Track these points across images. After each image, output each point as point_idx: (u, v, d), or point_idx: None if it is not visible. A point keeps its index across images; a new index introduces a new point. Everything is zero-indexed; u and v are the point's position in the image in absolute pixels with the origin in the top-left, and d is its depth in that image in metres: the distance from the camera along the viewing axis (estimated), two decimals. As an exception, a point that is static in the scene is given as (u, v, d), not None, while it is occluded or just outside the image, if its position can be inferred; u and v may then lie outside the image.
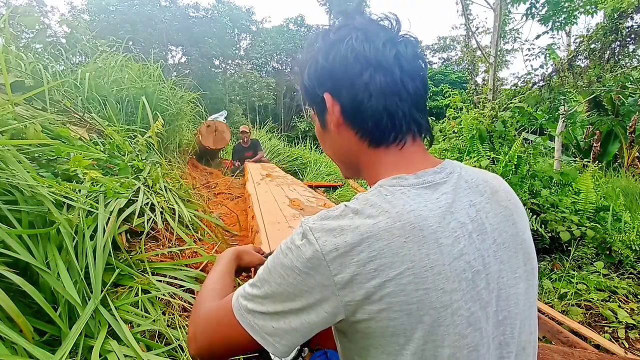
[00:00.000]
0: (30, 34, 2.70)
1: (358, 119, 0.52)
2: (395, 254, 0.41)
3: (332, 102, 0.52)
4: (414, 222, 0.43)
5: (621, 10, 4.47)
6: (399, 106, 0.50)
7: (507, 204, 0.51)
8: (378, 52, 0.48)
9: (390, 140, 0.51)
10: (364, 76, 0.49)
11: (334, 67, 0.51)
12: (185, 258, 1.29)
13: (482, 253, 0.45)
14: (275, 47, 26.00)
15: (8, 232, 0.82)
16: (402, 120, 0.50)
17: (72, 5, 19.23)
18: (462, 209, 0.46)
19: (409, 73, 0.50)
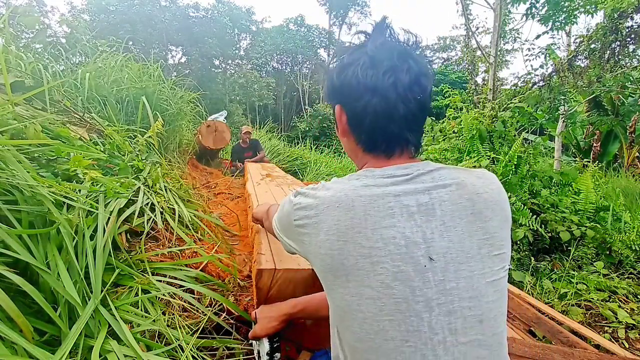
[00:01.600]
0: (30, 34, 2.70)
1: (357, 131, 0.66)
2: (329, 215, 0.58)
3: (340, 113, 0.67)
4: (350, 196, 0.58)
5: (621, 10, 4.47)
6: (390, 126, 0.61)
7: (472, 196, 0.59)
8: (377, 80, 0.59)
9: (379, 150, 0.64)
10: (363, 99, 0.61)
11: (342, 86, 0.64)
12: (185, 258, 1.29)
13: (424, 230, 0.55)
14: (275, 47, 25.99)
15: (8, 232, 0.82)
16: (391, 137, 0.63)
17: (72, 5, 19.22)
18: (411, 196, 0.57)
19: (404, 98, 0.60)
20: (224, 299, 1.12)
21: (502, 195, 0.62)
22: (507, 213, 0.62)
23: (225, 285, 1.24)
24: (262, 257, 1.06)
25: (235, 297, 1.20)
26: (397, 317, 0.54)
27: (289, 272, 0.99)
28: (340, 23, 31.56)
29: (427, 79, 0.61)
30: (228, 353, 1.03)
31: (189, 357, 0.91)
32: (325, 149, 9.80)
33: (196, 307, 1.07)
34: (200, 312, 1.06)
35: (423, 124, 0.65)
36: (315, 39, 28.89)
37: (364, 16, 31.55)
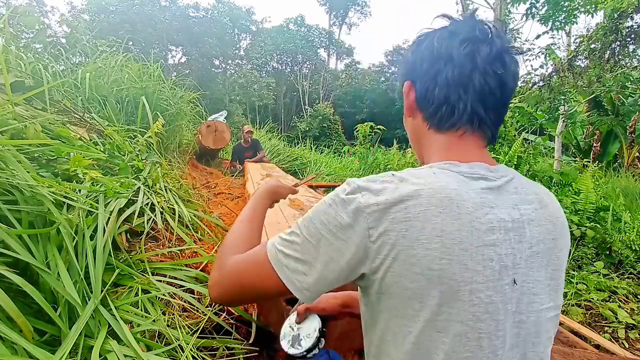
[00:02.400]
0: (30, 34, 2.70)
1: (424, 105, 0.58)
2: (428, 221, 0.45)
3: (409, 89, 0.61)
4: (453, 198, 0.46)
5: (621, 10, 4.47)
6: (462, 98, 0.54)
7: (554, 219, 0.53)
8: (453, 49, 0.54)
9: (446, 126, 0.56)
10: (434, 68, 0.55)
11: (415, 60, 0.59)
12: (185, 258, 1.29)
13: (515, 252, 0.47)
14: (275, 47, 26.00)
15: (8, 232, 0.82)
16: (462, 111, 0.54)
17: (72, 5, 19.25)
18: (504, 208, 0.49)
19: (482, 70, 0.53)
20: (224, 299, 1.12)
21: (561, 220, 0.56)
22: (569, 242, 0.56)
23: (225, 285, 1.24)
24: (262, 257, 1.06)
25: (235, 297, 1.20)
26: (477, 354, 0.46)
27: (289, 272, 0.99)
28: (340, 23, 31.58)
29: (511, 58, 0.55)
30: (228, 353, 1.03)
31: (189, 357, 0.91)
32: (325, 149, 9.80)
33: (196, 307, 1.07)
34: (200, 312, 1.06)
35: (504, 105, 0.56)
36: (315, 39, 28.89)
37: (364, 16, 31.62)
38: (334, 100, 25.07)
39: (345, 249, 0.48)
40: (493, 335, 0.46)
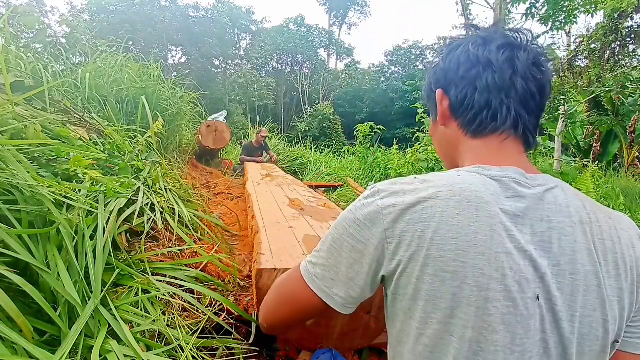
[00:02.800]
0: (30, 34, 2.70)
1: (461, 111, 0.56)
2: (445, 222, 0.44)
3: (442, 97, 0.59)
4: (472, 200, 0.45)
5: (621, 10, 4.47)
6: (504, 102, 0.53)
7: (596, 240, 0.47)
8: (491, 54, 0.53)
9: (487, 131, 0.54)
10: (472, 72, 0.54)
11: (449, 67, 0.58)
12: (185, 258, 1.29)
13: (537, 265, 0.45)
14: (275, 47, 26.02)
15: (8, 232, 0.82)
16: (506, 115, 0.53)
17: (72, 5, 19.27)
18: (529, 219, 0.46)
19: (522, 74, 0.52)
20: (224, 299, 1.12)
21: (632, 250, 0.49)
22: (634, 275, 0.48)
23: (225, 285, 1.24)
24: (262, 257, 1.06)
25: (235, 297, 1.20)
26: None
27: (289, 272, 0.99)
28: (340, 23, 31.60)
29: (547, 62, 0.54)
30: (228, 353, 1.03)
31: (189, 357, 0.91)
32: (325, 149, 9.79)
33: (196, 307, 1.07)
34: (200, 312, 1.06)
35: (542, 109, 0.55)
36: (315, 39, 28.92)
37: (364, 16, 31.66)
38: (334, 100, 25.06)
39: (365, 251, 0.49)
40: (508, 350, 0.44)
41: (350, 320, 1.05)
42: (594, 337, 0.46)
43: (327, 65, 29.90)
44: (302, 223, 1.52)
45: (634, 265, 0.48)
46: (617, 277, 0.47)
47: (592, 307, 0.45)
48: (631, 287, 0.48)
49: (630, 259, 0.48)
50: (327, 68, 28.81)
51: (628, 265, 0.48)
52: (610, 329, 0.46)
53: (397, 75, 30.08)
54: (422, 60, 30.33)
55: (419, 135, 5.01)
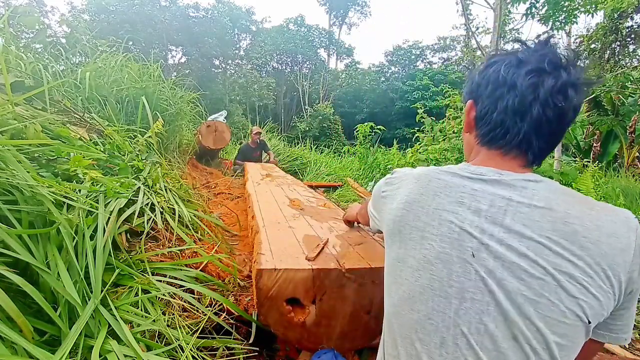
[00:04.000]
0: (30, 34, 2.70)
1: (480, 124, 0.66)
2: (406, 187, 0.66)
3: (470, 108, 0.68)
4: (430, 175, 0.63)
5: (621, 10, 4.47)
6: (517, 124, 0.60)
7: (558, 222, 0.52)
8: (518, 78, 0.59)
9: (496, 146, 0.63)
10: (497, 93, 0.61)
11: (481, 82, 0.65)
12: (185, 258, 1.29)
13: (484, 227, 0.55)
14: (275, 47, 26.01)
15: (8, 232, 0.82)
16: (514, 136, 0.60)
17: (72, 5, 19.27)
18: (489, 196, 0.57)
19: (542, 101, 0.57)
20: (224, 299, 1.12)
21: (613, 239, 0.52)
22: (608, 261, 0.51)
23: (225, 285, 1.24)
24: (262, 257, 1.06)
25: (235, 297, 1.20)
26: (428, 292, 0.57)
27: (289, 272, 0.99)
28: (340, 23, 31.59)
29: (575, 91, 0.57)
30: (228, 353, 1.03)
31: (189, 357, 0.91)
32: (325, 149, 9.78)
33: (196, 307, 1.07)
34: (200, 312, 1.06)
35: (559, 134, 0.60)
36: (315, 39, 28.90)
37: (364, 16, 31.64)
38: (334, 100, 25.05)
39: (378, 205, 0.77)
40: (445, 282, 0.56)
41: (350, 320, 1.05)
42: (547, 301, 0.51)
43: (327, 65, 29.89)
44: (302, 223, 1.52)
45: (609, 252, 0.51)
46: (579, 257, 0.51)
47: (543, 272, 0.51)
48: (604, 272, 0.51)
49: (607, 246, 0.51)
50: (327, 68, 28.80)
51: (602, 251, 0.51)
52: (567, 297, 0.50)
53: (397, 75, 30.08)
54: (422, 60, 30.35)
55: (419, 135, 5.01)
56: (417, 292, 0.58)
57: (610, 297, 0.52)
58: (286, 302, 1.00)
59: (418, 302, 0.58)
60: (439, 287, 0.56)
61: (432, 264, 0.57)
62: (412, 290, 0.59)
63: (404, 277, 0.61)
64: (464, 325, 0.54)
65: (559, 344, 0.51)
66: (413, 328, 0.58)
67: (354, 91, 27.16)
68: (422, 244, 0.59)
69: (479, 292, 0.53)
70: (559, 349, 0.51)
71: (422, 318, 0.57)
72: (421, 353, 0.57)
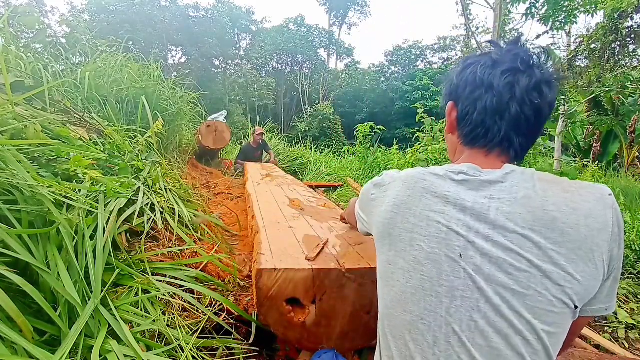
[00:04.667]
0: (30, 34, 2.70)
1: (462, 125, 0.67)
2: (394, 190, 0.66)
3: (451, 109, 0.70)
4: (415, 176, 0.64)
5: (621, 10, 4.47)
6: (497, 123, 0.62)
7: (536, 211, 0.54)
8: (494, 78, 0.61)
9: (478, 146, 0.65)
10: (475, 94, 0.63)
11: (459, 84, 0.67)
12: (185, 258, 1.29)
13: (470, 225, 0.56)
14: (275, 47, 26.01)
15: (8, 232, 0.82)
16: (496, 134, 0.63)
17: (72, 5, 19.27)
18: (472, 193, 0.58)
19: (519, 99, 0.60)
20: (224, 299, 1.12)
21: (591, 220, 0.53)
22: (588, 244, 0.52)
23: (225, 285, 1.24)
24: (262, 257, 1.06)
25: (235, 297, 1.20)
26: (420, 293, 0.58)
27: (289, 272, 0.99)
28: (340, 23, 31.60)
29: (549, 88, 0.60)
30: (228, 353, 1.03)
31: (189, 357, 0.91)
32: (325, 149, 9.78)
33: (196, 307, 1.07)
34: (200, 312, 1.06)
35: (537, 130, 0.63)
36: (315, 39, 28.91)
37: (364, 16, 31.65)
38: (334, 100, 25.05)
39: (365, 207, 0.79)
40: (435, 281, 0.57)
41: (350, 320, 1.05)
42: (535, 292, 0.52)
43: (327, 65, 29.88)
44: (302, 223, 1.52)
45: (588, 234, 0.52)
46: (560, 244, 0.52)
47: (528, 264, 0.52)
48: (586, 255, 0.52)
49: (585, 229, 0.53)
50: (327, 68, 28.80)
51: (582, 234, 0.52)
52: (554, 286, 0.52)
53: (397, 75, 30.07)
54: (422, 60, 30.34)
55: (419, 135, 5.01)
56: (408, 293, 0.59)
57: (596, 277, 0.53)
58: (286, 302, 1.00)
59: (410, 303, 0.59)
60: (430, 287, 0.57)
61: (422, 265, 0.58)
62: (404, 292, 0.60)
63: (395, 279, 0.62)
64: (455, 323, 0.55)
65: (549, 332, 0.52)
66: (406, 329, 0.59)
67: (354, 91, 27.16)
68: (411, 246, 0.60)
69: (469, 289, 0.54)
70: (548, 337, 0.52)
71: (414, 319, 0.58)
72: (414, 353, 0.58)
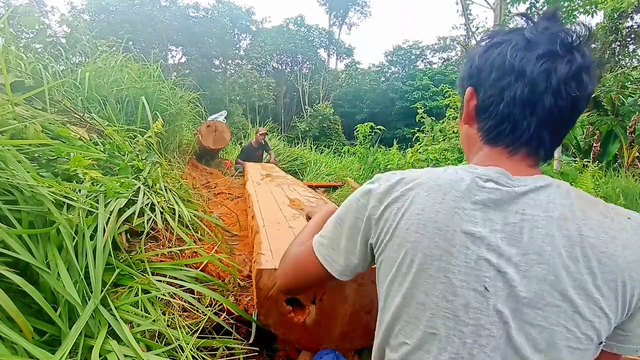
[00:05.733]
0: (30, 34, 2.70)
1: (484, 118, 0.56)
2: (415, 202, 0.52)
3: (470, 96, 0.58)
4: (443, 185, 0.51)
5: (621, 10, 4.47)
6: (527, 118, 0.51)
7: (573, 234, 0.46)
8: (528, 63, 0.50)
9: (503, 144, 0.55)
10: (503, 81, 0.52)
11: (482, 67, 0.55)
12: (185, 258, 1.29)
13: (501, 251, 0.47)
14: (275, 47, 26.02)
15: (8, 232, 0.82)
16: (524, 131, 0.52)
17: (72, 5, 19.27)
18: (500, 211, 0.49)
19: (554, 90, 0.49)
20: (224, 299, 1.12)
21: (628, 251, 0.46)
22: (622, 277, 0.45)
23: (225, 285, 1.24)
24: (262, 257, 1.06)
25: (235, 297, 1.20)
26: (441, 332, 0.49)
27: (289, 272, 0.99)
28: (340, 23, 31.62)
29: (589, 77, 0.50)
30: (228, 353, 1.03)
31: (189, 357, 0.91)
32: (325, 149, 9.79)
33: (196, 307, 1.07)
34: (200, 312, 1.06)
35: (569, 126, 0.53)
36: (315, 39, 28.93)
37: (364, 16, 31.68)
38: (334, 100, 25.06)
39: (360, 223, 0.59)
40: (460, 319, 0.47)
41: (350, 320, 1.05)
42: (564, 328, 0.46)
43: (327, 65, 29.90)
44: (302, 223, 1.52)
45: (625, 266, 0.46)
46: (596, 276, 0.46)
47: (561, 297, 0.46)
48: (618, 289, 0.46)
49: (622, 260, 0.46)
50: (327, 68, 28.81)
51: (619, 266, 0.46)
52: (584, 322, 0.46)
53: (397, 75, 30.08)
54: (422, 60, 30.35)
55: (419, 135, 5.01)
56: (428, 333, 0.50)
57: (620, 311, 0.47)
58: (286, 302, 1.00)
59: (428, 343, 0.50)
60: (453, 327, 0.48)
61: (448, 302, 0.48)
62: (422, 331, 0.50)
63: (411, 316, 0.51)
64: None
65: None
66: None
67: (354, 91, 27.16)
68: (438, 277, 0.48)
69: (495, 327, 0.47)
70: None
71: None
72: None
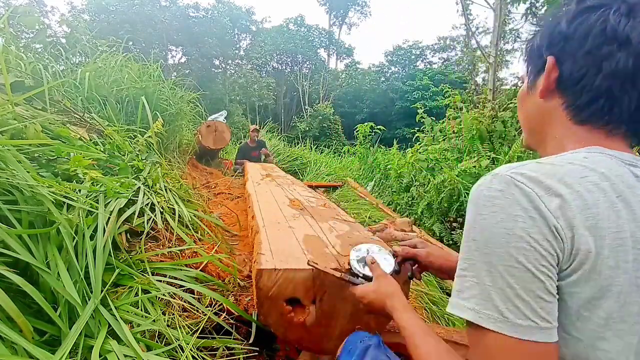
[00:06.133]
0: (30, 34, 2.70)
1: (572, 91, 0.49)
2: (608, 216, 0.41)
3: (552, 67, 0.50)
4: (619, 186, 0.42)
5: None
6: (628, 92, 0.45)
7: None
8: (633, 30, 0.43)
9: (599, 123, 0.48)
10: (603, 50, 0.45)
11: (573, 34, 0.47)
12: (185, 258, 1.29)
13: None
14: (275, 47, 26.04)
15: (8, 232, 0.82)
16: (624, 109, 0.46)
17: (72, 5, 19.27)
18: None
19: None
20: (224, 299, 1.12)
21: None
22: None
23: (225, 285, 1.24)
24: (262, 257, 1.06)
25: (235, 297, 1.20)
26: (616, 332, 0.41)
27: (289, 272, 0.99)
28: (340, 23, 31.62)
29: None
30: (228, 353, 1.03)
31: (189, 357, 0.91)
32: (325, 149, 9.80)
33: (196, 307, 1.07)
34: (200, 312, 1.06)
35: None
36: (315, 39, 28.95)
37: (364, 16, 31.68)
38: (334, 100, 25.06)
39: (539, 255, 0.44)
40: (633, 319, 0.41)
41: (351, 320, 1.05)
42: None
43: (327, 65, 29.91)
44: (302, 223, 1.52)
45: None
46: None
47: None
48: None
49: None
50: (327, 68, 28.82)
51: None
52: None
53: (397, 75, 30.09)
54: (422, 60, 30.36)
55: (419, 135, 5.01)
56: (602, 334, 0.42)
57: None
58: (286, 302, 1.00)
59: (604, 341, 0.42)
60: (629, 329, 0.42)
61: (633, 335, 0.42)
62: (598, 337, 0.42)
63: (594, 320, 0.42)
64: None
65: None
66: None
67: (354, 91, 27.17)
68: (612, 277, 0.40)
69: None
70: None
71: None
72: None
